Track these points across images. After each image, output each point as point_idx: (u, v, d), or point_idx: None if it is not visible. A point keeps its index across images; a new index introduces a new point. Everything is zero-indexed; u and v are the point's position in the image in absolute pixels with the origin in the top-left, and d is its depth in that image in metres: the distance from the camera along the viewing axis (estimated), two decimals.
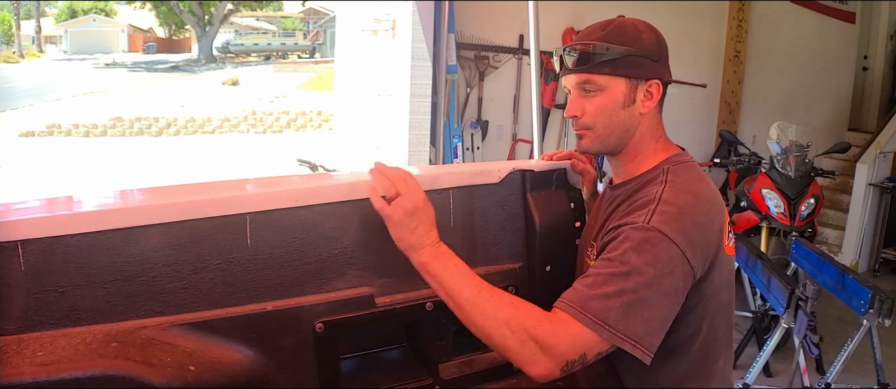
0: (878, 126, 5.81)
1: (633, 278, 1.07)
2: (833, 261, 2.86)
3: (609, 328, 1.05)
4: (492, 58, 4.66)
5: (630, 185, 1.26)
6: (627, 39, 1.21)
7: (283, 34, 35.58)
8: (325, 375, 1.19)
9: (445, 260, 1.14)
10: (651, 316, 1.08)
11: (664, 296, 1.09)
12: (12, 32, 34.00)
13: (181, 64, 27.31)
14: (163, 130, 13.88)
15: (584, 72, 1.22)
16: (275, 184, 1.28)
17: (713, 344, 1.25)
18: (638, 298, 1.07)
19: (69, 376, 0.93)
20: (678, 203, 1.14)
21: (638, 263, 1.08)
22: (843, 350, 2.61)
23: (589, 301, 1.07)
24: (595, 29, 1.24)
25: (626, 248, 1.10)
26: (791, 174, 3.90)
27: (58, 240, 1.00)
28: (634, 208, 1.16)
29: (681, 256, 1.10)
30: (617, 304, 1.06)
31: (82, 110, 15.05)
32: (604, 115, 1.23)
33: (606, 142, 1.26)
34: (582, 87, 1.24)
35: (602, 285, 1.08)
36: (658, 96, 1.24)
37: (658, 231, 1.10)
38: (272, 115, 14.93)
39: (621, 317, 1.06)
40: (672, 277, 1.10)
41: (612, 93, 1.22)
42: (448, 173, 1.34)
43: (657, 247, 1.09)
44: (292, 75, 21.20)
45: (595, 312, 1.06)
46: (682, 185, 1.18)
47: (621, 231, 1.13)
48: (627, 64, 1.21)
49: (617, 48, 1.20)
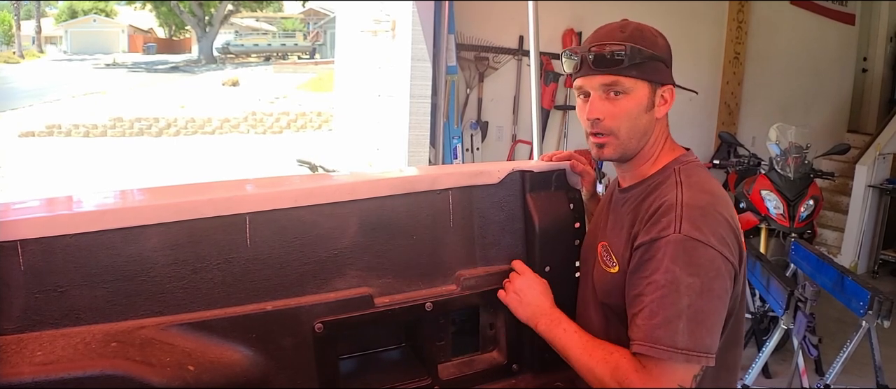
0: (878, 127, 5.81)
1: (684, 293, 1.08)
2: (832, 263, 2.86)
3: (681, 351, 1.07)
4: (491, 59, 4.66)
5: (641, 188, 1.25)
6: (648, 42, 1.20)
7: (283, 35, 35.55)
8: (324, 375, 1.20)
9: (556, 325, 1.27)
10: (713, 322, 1.10)
11: (718, 300, 1.11)
12: (12, 33, 34.01)
13: (181, 64, 27.30)
14: (163, 131, 13.87)
15: (611, 74, 1.19)
16: (274, 184, 1.28)
17: (734, 345, 1.25)
18: (695, 311, 1.08)
19: (68, 375, 0.93)
20: (700, 204, 1.14)
21: (683, 276, 1.09)
22: (843, 352, 2.61)
23: (653, 330, 1.09)
24: (613, 30, 1.21)
25: (668, 264, 1.10)
26: (790, 175, 3.90)
27: (57, 240, 1.00)
28: (658, 215, 1.15)
29: (719, 256, 1.11)
30: (679, 326, 1.08)
31: (82, 111, 15.05)
32: (629, 119, 1.21)
33: (628, 147, 1.24)
34: (606, 89, 1.21)
35: (658, 311, 1.09)
36: (672, 101, 1.24)
37: (690, 238, 1.10)
38: (272, 116, 14.92)
39: (689, 336, 1.07)
40: (720, 279, 1.11)
41: (638, 97, 1.21)
42: (448, 174, 1.34)
43: (694, 255, 1.10)
44: (292, 76, 21.19)
45: (663, 341, 1.08)
46: (698, 186, 1.19)
47: (656, 246, 1.13)
48: (651, 68, 1.20)
49: (645, 51, 1.19)
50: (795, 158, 3.92)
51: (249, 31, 37.42)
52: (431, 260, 1.32)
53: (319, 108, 15.16)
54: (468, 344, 1.42)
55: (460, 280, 1.33)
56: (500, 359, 1.41)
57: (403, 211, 1.28)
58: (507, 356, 1.40)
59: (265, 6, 35.94)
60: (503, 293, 1.35)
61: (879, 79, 6.99)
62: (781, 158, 3.95)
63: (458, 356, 1.40)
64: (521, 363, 1.41)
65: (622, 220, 1.25)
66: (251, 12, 37.11)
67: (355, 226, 1.23)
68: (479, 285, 1.34)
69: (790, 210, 3.87)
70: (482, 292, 1.34)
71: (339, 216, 1.21)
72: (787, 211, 3.87)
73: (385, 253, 1.26)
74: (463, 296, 1.33)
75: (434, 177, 1.33)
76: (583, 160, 1.48)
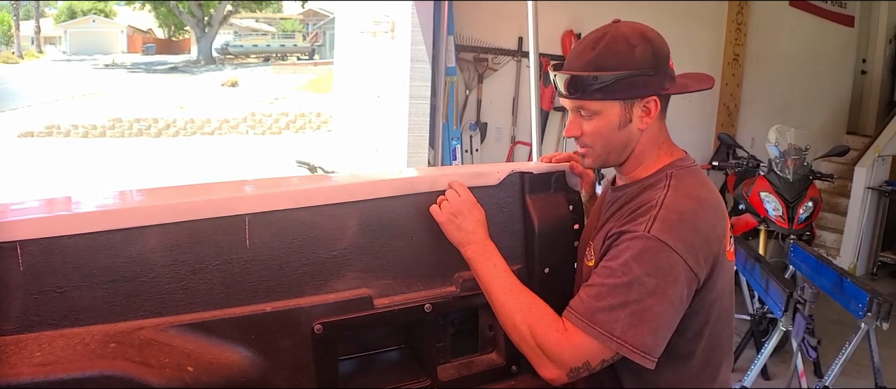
0: (877, 129, 5.81)
1: (635, 289, 1.09)
2: (831, 264, 2.86)
3: (616, 339, 1.09)
4: (491, 60, 4.67)
5: (632, 188, 1.26)
6: (618, 60, 1.17)
7: (283, 36, 35.56)
8: (323, 376, 1.20)
9: (486, 259, 1.25)
10: (658, 325, 1.10)
11: (669, 305, 1.11)
12: (11, 33, 34.01)
13: (180, 65, 27.29)
14: (162, 131, 13.85)
15: (576, 99, 1.21)
16: (273, 185, 1.28)
17: (715, 351, 1.25)
18: (641, 308, 1.09)
19: (67, 376, 0.93)
20: (679, 209, 1.15)
21: (638, 273, 1.10)
22: (841, 354, 2.61)
23: (595, 313, 1.10)
24: (586, 47, 1.21)
25: (627, 258, 1.11)
26: (789, 177, 3.90)
27: (56, 241, 1.00)
28: (637, 214, 1.17)
29: (682, 263, 1.11)
30: (622, 316, 1.09)
31: (81, 111, 15.03)
32: (601, 137, 1.23)
33: (607, 159, 1.27)
34: (577, 110, 1.24)
35: (606, 296, 1.11)
36: (656, 111, 1.23)
37: (658, 239, 1.11)
38: (271, 117, 14.91)
39: (628, 328, 1.09)
40: (676, 285, 1.11)
41: (607, 117, 1.21)
42: (447, 175, 1.34)
43: (657, 257, 1.10)
44: (291, 77, 21.19)
45: (602, 324, 1.09)
46: (685, 190, 1.19)
47: (622, 239, 1.14)
48: (619, 87, 1.18)
49: (606, 75, 1.17)
50: (794, 160, 3.92)
51: (249, 31, 37.43)
52: (431, 261, 1.32)
53: (318, 109, 15.15)
54: (467, 346, 1.42)
55: (459, 281, 1.33)
56: (499, 360, 1.41)
57: (403, 213, 1.28)
58: (506, 357, 1.40)
59: (264, 7, 35.95)
60: (437, 209, 1.29)
61: (878, 80, 6.99)
62: (780, 160, 3.96)
63: (458, 357, 1.40)
64: (520, 364, 1.41)
65: (609, 218, 1.26)
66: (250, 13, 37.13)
67: (355, 228, 1.23)
68: (478, 287, 1.34)
69: (789, 211, 3.87)
70: (481, 293, 1.34)
71: (339, 217, 1.21)
72: (786, 213, 3.87)
73: (384, 254, 1.27)
74: (462, 298, 1.33)
75: (433, 178, 1.33)
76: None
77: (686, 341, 1.19)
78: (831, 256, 5.31)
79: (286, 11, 41.43)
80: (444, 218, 1.28)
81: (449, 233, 1.28)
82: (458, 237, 1.28)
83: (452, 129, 4.42)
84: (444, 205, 1.28)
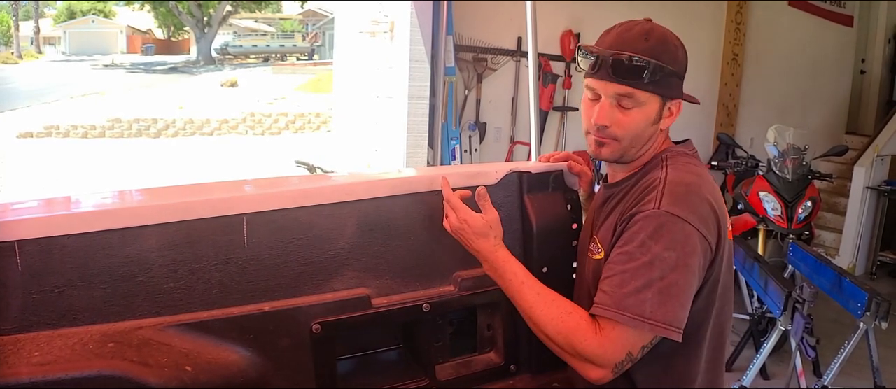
0: (876, 129, 5.81)
1: (657, 266, 1.09)
2: (830, 264, 2.86)
3: (648, 321, 1.08)
4: (490, 60, 4.67)
5: (631, 180, 1.26)
6: (670, 57, 1.17)
7: (282, 36, 35.53)
8: (321, 376, 1.20)
9: (501, 274, 1.21)
10: (686, 298, 1.11)
11: (692, 275, 1.11)
12: (11, 33, 33.98)
13: (180, 65, 27.28)
14: (161, 132, 13.85)
15: (627, 85, 1.16)
16: (272, 185, 1.28)
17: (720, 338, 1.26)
18: (667, 284, 1.09)
19: (66, 376, 0.93)
20: (685, 182, 1.16)
21: (657, 250, 1.09)
22: (840, 353, 2.61)
23: (623, 300, 1.09)
24: (637, 37, 1.17)
25: (643, 238, 1.11)
26: (788, 177, 3.90)
27: (54, 241, 1.00)
28: (642, 195, 1.17)
29: (696, 233, 1.11)
30: (649, 296, 1.08)
31: (80, 111, 15.02)
32: (636, 130, 1.20)
33: (627, 152, 1.24)
34: (618, 98, 1.18)
35: (630, 281, 1.10)
36: (678, 113, 1.24)
37: (670, 213, 1.11)
38: (270, 117, 14.91)
39: (657, 307, 1.08)
40: (694, 255, 1.11)
41: (648, 111, 1.19)
42: (446, 174, 1.34)
43: (672, 230, 1.10)
44: (291, 77, 21.18)
45: (631, 309, 1.08)
46: (684, 167, 1.20)
47: (634, 221, 1.14)
48: (667, 83, 1.18)
49: (666, 67, 1.16)
50: (793, 160, 3.92)
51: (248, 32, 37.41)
52: (429, 261, 1.32)
53: (318, 109, 15.15)
54: (466, 345, 1.43)
55: (458, 281, 1.33)
56: (497, 360, 1.41)
57: (401, 212, 1.28)
58: (504, 356, 1.40)
59: (264, 7, 35.94)
60: (448, 223, 1.24)
61: (878, 80, 7.00)
62: (779, 160, 3.96)
63: (456, 356, 1.40)
64: (518, 363, 1.41)
65: (611, 211, 1.25)
66: (250, 13, 37.13)
67: (353, 227, 1.23)
68: (477, 286, 1.34)
69: (788, 211, 3.88)
70: (480, 293, 1.34)
71: (337, 217, 1.21)
72: (785, 213, 3.87)
73: (382, 253, 1.27)
74: (460, 297, 1.33)
75: (432, 177, 1.33)
76: (580, 160, 1.49)
77: (695, 325, 1.17)
78: (830, 256, 5.31)
79: (285, 12, 41.41)
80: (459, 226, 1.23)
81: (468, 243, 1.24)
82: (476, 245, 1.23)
83: (452, 129, 4.42)
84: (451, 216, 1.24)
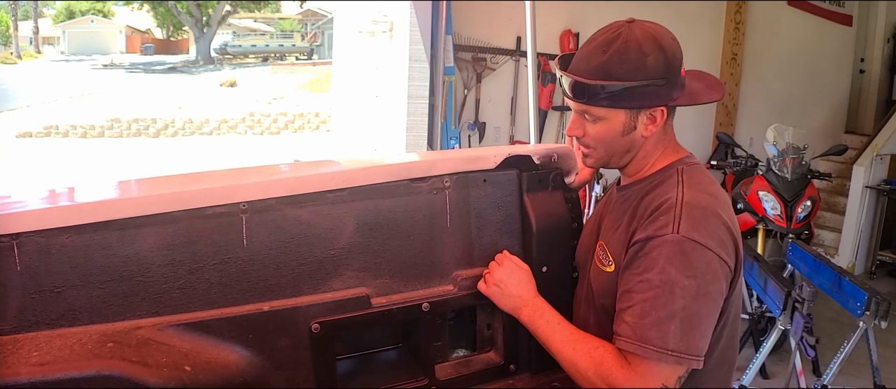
0: (875, 128, 5.81)
1: (679, 296, 1.07)
2: (829, 263, 2.86)
3: (671, 352, 1.06)
4: (489, 59, 4.67)
5: (641, 185, 1.24)
6: (628, 68, 1.13)
7: (281, 36, 35.56)
8: (321, 376, 1.19)
9: (539, 317, 1.26)
10: (707, 327, 1.09)
11: (713, 303, 1.10)
12: (10, 33, 33.96)
13: (179, 65, 27.28)
14: (160, 131, 13.85)
15: (581, 103, 1.19)
16: (270, 172, 1.27)
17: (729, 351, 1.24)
18: (689, 314, 1.07)
19: (65, 376, 0.93)
20: (701, 204, 1.13)
21: (678, 278, 1.07)
22: (840, 352, 2.62)
23: (645, 332, 1.07)
24: (595, 50, 1.16)
25: (663, 264, 1.08)
26: (788, 176, 3.90)
27: (53, 240, 0.99)
28: (657, 214, 1.13)
29: (717, 259, 1.09)
30: (672, 328, 1.06)
31: (80, 111, 15.02)
32: (604, 142, 1.21)
33: (610, 161, 1.25)
34: (581, 112, 1.21)
35: (651, 311, 1.08)
36: (662, 120, 1.20)
37: (689, 239, 1.08)
38: (270, 117, 14.91)
39: (681, 339, 1.06)
40: (717, 283, 1.10)
41: (611, 124, 1.19)
42: (444, 159, 1.33)
43: (692, 257, 1.08)
44: (290, 77, 21.20)
45: (654, 342, 1.06)
46: (699, 186, 1.17)
47: (650, 245, 1.11)
48: (627, 96, 1.15)
49: (614, 85, 1.13)
50: (793, 159, 3.92)
51: (247, 31, 37.43)
52: (428, 260, 1.31)
53: (317, 109, 15.15)
54: (465, 345, 1.42)
55: (457, 280, 1.33)
56: (497, 359, 1.40)
57: (400, 211, 1.28)
58: (504, 356, 1.40)
59: (263, 7, 35.93)
60: (484, 285, 1.31)
61: (877, 79, 7.00)
62: (779, 159, 3.96)
63: (456, 356, 1.39)
64: (518, 363, 1.40)
65: (620, 218, 1.24)
66: (249, 13, 37.12)
67: (352, 226, 1.23)
68: (476, 285, 1.33)
69: (787, 211, 3.88)
70: (479, 292, 1.34)
71: (336, 216, 1.21)
72: (784, 212, 3.88)
73: (382, 253, 1.26)
74: (460, 297, 1.33)
75: (430, 163, 1.31)
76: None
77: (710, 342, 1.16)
78: (830, 255, 5.31)
79: (285, 11, 41.41)
80: (492, 291, 1.30)
81: (500, 304, 1.31)
82: (509, 304, 1.29)
83: (451, 129, 4.42)
84: (488, 278, 1.31)
